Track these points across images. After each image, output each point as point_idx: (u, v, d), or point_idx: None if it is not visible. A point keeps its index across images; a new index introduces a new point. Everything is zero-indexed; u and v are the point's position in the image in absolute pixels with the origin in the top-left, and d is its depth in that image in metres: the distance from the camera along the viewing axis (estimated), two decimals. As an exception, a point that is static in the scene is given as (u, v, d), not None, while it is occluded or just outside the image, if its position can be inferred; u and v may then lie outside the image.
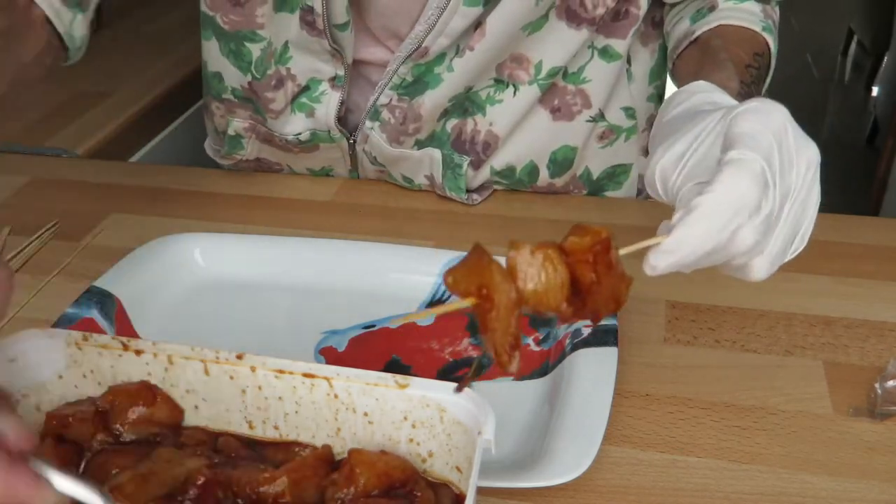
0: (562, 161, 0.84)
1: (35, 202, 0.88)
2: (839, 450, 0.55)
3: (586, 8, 0.75)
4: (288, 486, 0.45)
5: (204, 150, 0.99)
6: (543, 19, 0.75)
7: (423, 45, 0.74)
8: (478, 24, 0.74)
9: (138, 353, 0.50)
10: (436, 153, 0.82)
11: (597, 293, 0.44)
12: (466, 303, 0.41)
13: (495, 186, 0.87)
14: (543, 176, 0.85)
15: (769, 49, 0.73)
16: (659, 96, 0.88)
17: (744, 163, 0.44)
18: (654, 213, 0.81)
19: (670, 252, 0.45)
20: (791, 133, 0.47)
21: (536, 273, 0.42)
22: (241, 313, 0.69)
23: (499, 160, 0.83)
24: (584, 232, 0.44)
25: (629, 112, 0.84)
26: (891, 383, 0.58)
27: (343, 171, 0.90)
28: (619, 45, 0.79)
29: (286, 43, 0.79)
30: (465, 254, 0.70)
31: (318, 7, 0.74)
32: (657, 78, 0.86)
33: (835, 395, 0.59)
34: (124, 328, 0.66)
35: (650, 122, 0.88)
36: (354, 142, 0.85)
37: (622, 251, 0.45)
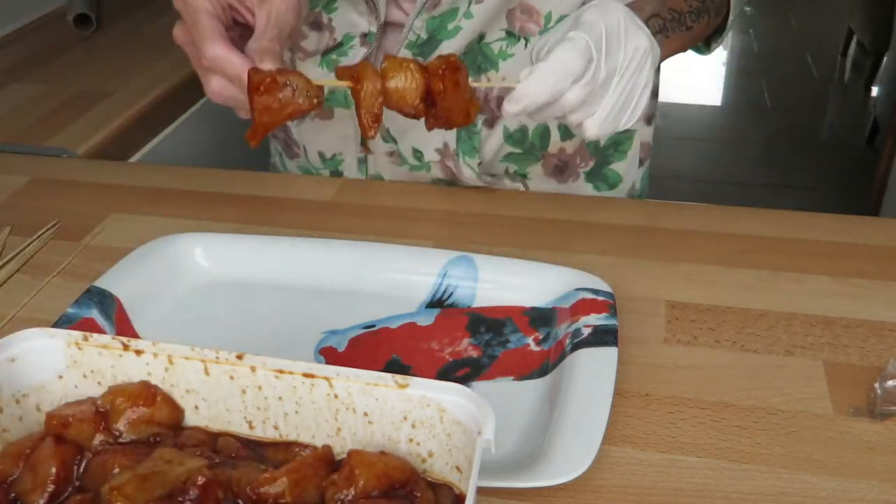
0: None
1: (35, 202, 0.88)
2: (839, 450, 0.55)
3: None
4: (288, 487, 0.45)
5: (204, 150, 0.99)
6: None
7: None
8: None
9: (138, 353, 0.50)
10: None
11: (445, 101, 0.59)
12: (345, 84, 0.59)
13: (507, 165, 0.88)
14: (555, 139, 0.86)
15: None
16: None
17: (573, 40, 0.58)
18: (655, 213, 0.81)
19: (516, 100, 0.58)
20: (623, 24, 0.60)
21: (400, 76, 0.59)
22: (241, 313, 0.69)
23: (512, 120, 0.85)
24: (441, 58, 0.60)
25: None
26: (891, 383, 0.58)
27: (353, 159, 0.90)
28: None
29: None
30: (463, 254, 0.71)
31: None
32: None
33: (835, 395, 0.59)
34: (124, 328, 0.66)
35: (654, 89, 0.94)
36: None
37: (473, 83, 0.61)
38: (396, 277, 0.70)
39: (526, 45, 0.81)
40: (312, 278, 0.71)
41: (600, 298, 0.65)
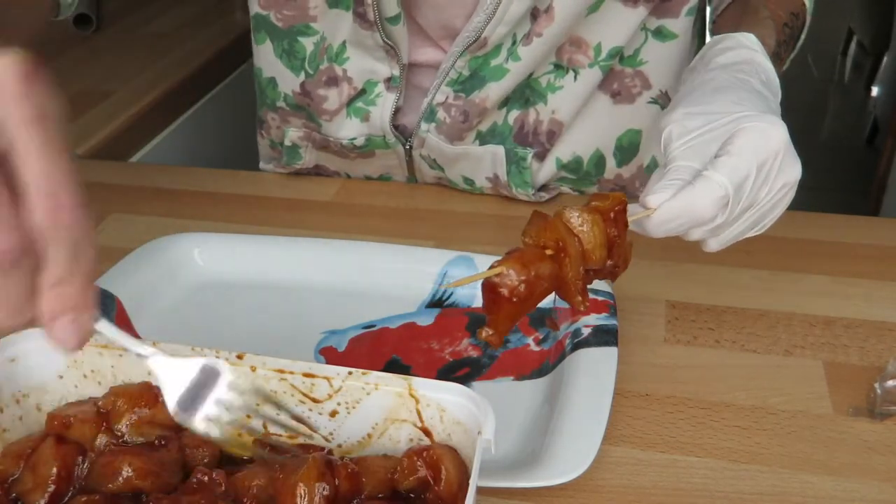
0: (627, 147, 0.84)
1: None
2: (839, 450, 0.55)
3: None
4: (290, 494, 0.45)
5: (204, 150, 0.99)
6: (600, 2, 0.75)
7: (482, 37, 0.74)
8: (544, 7, 0.73)
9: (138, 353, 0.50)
10: (498, 150, 0.81)
11: (618, 249, 0.53)
12: (546, 252, 0.49)
13: (561, 187, 0.86)
14: (610, 166, 0.85)
15: (805, 7, 0.73)
16: None
17: (714, 186, 0.51)
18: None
19: (638, 225, 0.53)
20: (781, 156, 0.53)
21: (589, 231, 0.50)
22: (241, 313, 0.69)
23: (564, 150, 0.83)
24: (604, 197, 0.52)
25: None
26: (890, 383, 0.58)
27: (401, 178, 0.90)
28: (672, 24, 0.79)
29: (343, 42, 0.79)
30: (463, 254, 0.71)
31: None
32: None
33: (835, 395, 0.59)
34: (124, 328, 0.66)
35: None
36: (411, 147, 0.84)
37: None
38: (396, 277, 0.70)
39: (575, 77, 0.78)
40: (312, 278, 0.71)
41: (600, 298, 0.65)
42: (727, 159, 0.51)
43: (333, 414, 0.49)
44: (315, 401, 0.49)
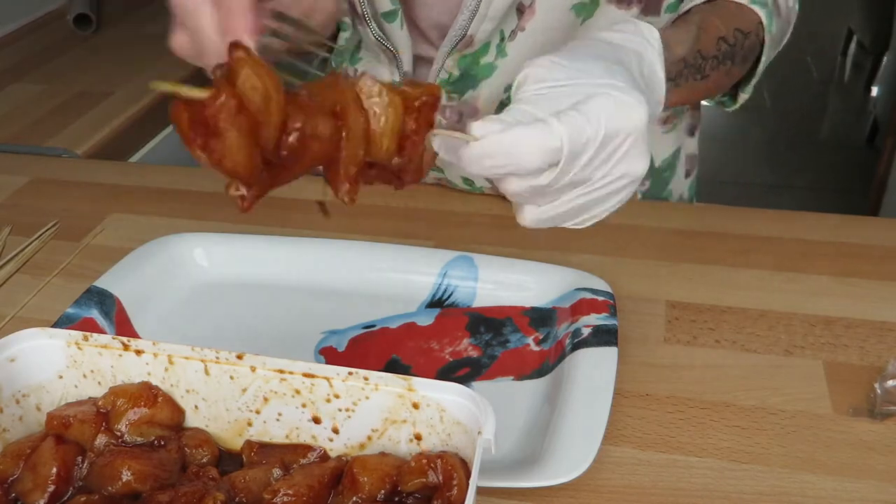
0: None
1: (35, 202, 0.88)
2: (839, 450, 0.55)
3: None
4: (295, 498, 0.45)
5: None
6: (594, 5, 0.74)
7: (467, 34, 0.74)
8: (528, 2, 0.73)
9: (138, 353, 0.50)
10: None
11: (411, 148, 0.45)
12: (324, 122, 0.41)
13: None
14: None
15: (762, 25, 0.68)
16: None
17: (548, 134, 0.45)
18: (655, 214, 0.81)
19: (462, 154, 0.47)
20: (631, 141, 0.47)
21: (382, 111, 0.42)
22: (241, 313, 0.69)
23: None
24: (417, 85, 0.45)
25: None
26: (891, 383, 0.58)
27: None
28: (655, 22, 0.77)
29: (359, 44, 0.79)
30: (463, 254, 0.71)
31: None
32: None
33: (835, 395, 0.59)
34: (124, 328, 0.66)
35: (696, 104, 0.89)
36: None
37: (435, 131, 0.47)
38: (396, 277, 0.70)
39: None
40: (312, 278, 0.71)
41: (600, 298, 0.65)
42: (575, 115, 0.46)
43: (334, 416, 0.49)
44: (318, 416, 0.49)
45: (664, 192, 0.89)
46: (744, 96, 0.75)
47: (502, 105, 0.79)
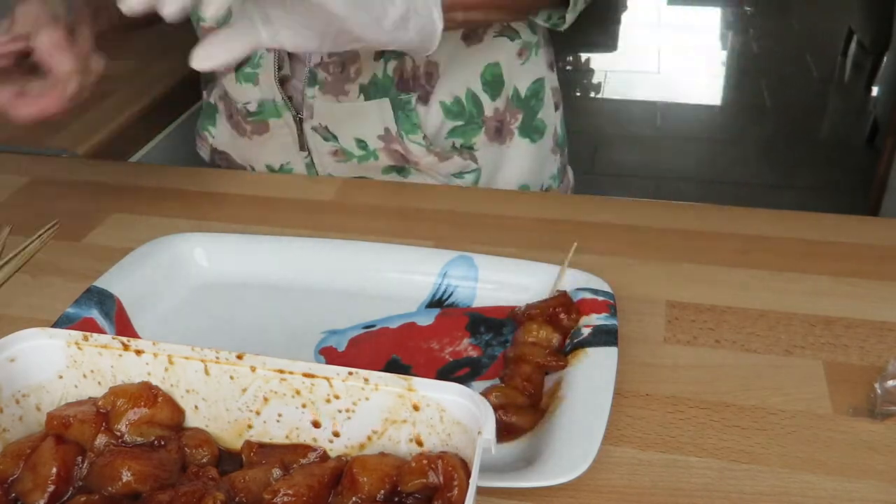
0: (492, 80, 0.88)
1: (35, 202, 0.88)
2: (839, 450, 0.55)
3: None
4: (295, 498, 0.45)
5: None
6: None
7: None
8: None
9: (138, 353, 0.50)
10: (384, 101, 0.85)
11: None
12: None
13: (454, 140, 0.89)
14: (486, 101, 0.89)
15: None
16: None
17: None
18: (655, 213, 0.81)
19: None
20: None
21: None
22: (241, 313, 0.69)
23: (444, 92, 0.86)
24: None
25: (533, 27, 0.90)
26: (891, 383, 0.58)
27: (300, 164, 0.92)
28: None
29: (229, 9, 0.80)
30: (463, 254, 0.71)
31: None
32: None
33: (835, 395, 0.59)
34: (124, 328, 0.66)
35: (547, 36, 0.94)
36: (301, 119, 0.87)
37: None
38: (396, 277, 0.70)
39: None
40: (312, 278, 0.71)
41: (600, 298, 0.65)
42: None
43: (334, 417, 0.49)
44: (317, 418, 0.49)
45: (535, 121, 0.94)
46: (571, 17, 0.77)
47: (382, 53, 0.82)
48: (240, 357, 0.49)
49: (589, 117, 3.30)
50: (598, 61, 3.89)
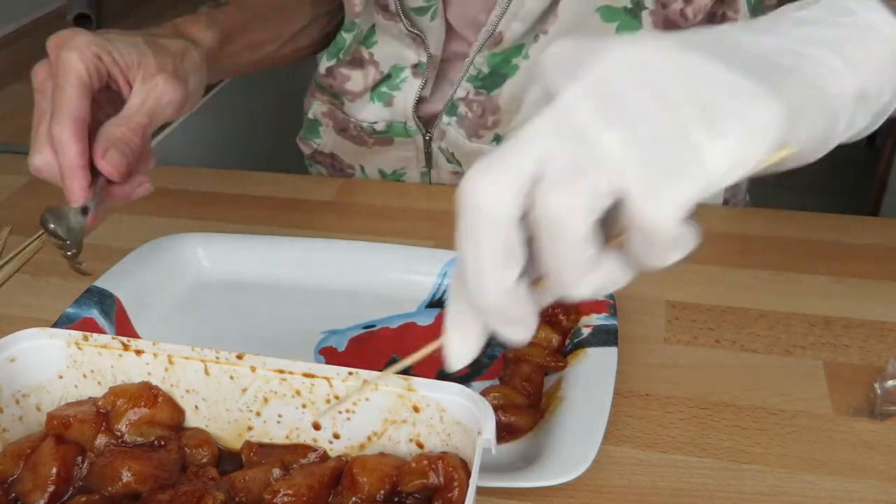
0: None
1: (35, 202, 0.88)
2: (839, 450, 0.55)
3: (686, 17, 0.72)
4: (295, 498, 0.45)
5: (204, 150, 0.99)
6: (635, 22, 0.72)
7: (497, 31, 0.73)
8: (554, 5, 0.72)
9: (138, 353, 0.50)
10: None
11: None
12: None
13: None
14: None
15: None
16: None
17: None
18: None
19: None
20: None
21: None
22: (241, 313, 0.69)
23: None
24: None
25: None
26: (891, 383, 0.58)
27: (415, 173, 0.90)
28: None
29: (373, 26, 0.79)
30: (465, 254, 0.71)
31: None
32: None
33: (835, 395, 0.59)
34: (124, 328, 0.66)
35: None
36: (430, 139, 0.84)
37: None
38: (396, 277, 0.70)
39: None
40: (312, 278, 0.71)
41: (600, 298, 0.65)
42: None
43: (334, 417, 0.49)
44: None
45: None
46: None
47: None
48: (240, 357, 0.49)
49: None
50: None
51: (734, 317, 0.67)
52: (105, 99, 0.58)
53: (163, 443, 0.49)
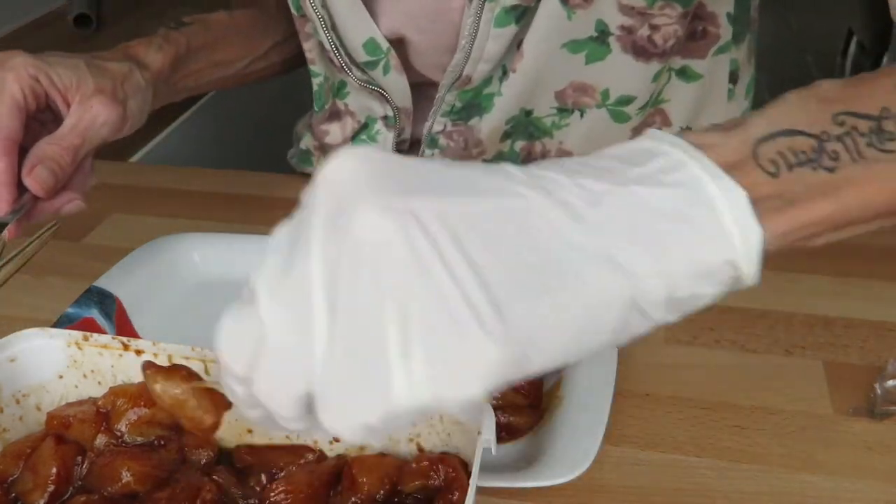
0: None
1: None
2: (839, 450, 0.55)
3: (655, 44, 0.71)
4: (294, 497, 0.45)
5: (204, 150, 0.99)
6: (604, 48, 0.71)
7: (464, 74, 0.73)
8: (518, 45, 0.71)
9: (138, 353, 0.50)
10: None
11: None
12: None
13: None
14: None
15: None
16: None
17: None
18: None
19: None
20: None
21: None
22: (241, 313, 0.69)
23: None
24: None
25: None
26: (891, 383, 0.58)
27: None
28: (697, 65, 0.76)
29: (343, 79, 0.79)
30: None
31: (327, 43, 0.73)
32: (752, 90, 0.84)
33: (835, 395, 0.59)
34: (124, 328, 0.66)
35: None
36: None
37: None
38: (396, 277, 0.70)
39: (582, 115, 0.76)
40: (312, 278, 0.71)
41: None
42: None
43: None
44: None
45: None
46: None
47: (506, 135, 0.78)
48: (240, 357, 0.49)
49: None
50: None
51: (734, 316, 0.67)
52: (49, 119, 0.60)
53: (163, 443, 0.49)
